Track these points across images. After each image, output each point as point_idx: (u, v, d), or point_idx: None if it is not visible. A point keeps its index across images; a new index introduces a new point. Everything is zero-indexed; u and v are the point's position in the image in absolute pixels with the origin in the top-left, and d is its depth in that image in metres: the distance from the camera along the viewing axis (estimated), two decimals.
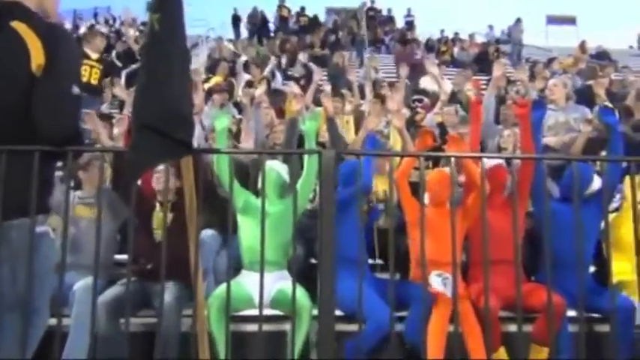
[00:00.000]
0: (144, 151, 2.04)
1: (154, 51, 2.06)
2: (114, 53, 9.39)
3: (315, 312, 2.35)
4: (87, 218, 3.53)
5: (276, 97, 7.16)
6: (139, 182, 3.62)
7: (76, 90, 1.85)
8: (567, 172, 3.49)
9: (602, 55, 14.40)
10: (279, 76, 9.65)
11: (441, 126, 5.74)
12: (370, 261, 3.84)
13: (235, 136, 5.05)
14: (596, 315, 3.27)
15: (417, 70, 9.93)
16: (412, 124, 5.87)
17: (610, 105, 4.63)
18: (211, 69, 9.78)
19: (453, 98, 7.18)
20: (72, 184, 3.45)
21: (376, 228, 3.95)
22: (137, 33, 11.49)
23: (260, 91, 5.48)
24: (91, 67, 6.95)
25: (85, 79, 6.72)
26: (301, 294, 3.07)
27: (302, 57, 10.39)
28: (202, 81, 7.16)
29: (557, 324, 2.97)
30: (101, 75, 7.09)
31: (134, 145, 2.07)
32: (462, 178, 3.62)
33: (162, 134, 1.99)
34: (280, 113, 6.41)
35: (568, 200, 3.16)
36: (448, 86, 7.89)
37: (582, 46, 13.81)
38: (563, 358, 3.02)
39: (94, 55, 7.03)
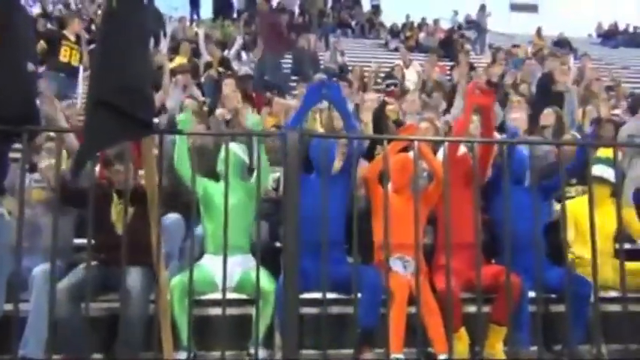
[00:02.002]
0: (101, 129, 1.95)
1: (112, 28, 1.99)
2: None
3: None
4: (43, 202, 3.42)
5: (244, 81, 7.07)
6: (97, 172, 3.51)
7: (30, 66, 1.78)
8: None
9: (562, 43, 14.74)
10: (244, 56, 9.49)
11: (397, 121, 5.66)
12: None
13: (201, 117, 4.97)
14: (553, 295, 3.36)
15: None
16: (381, 115, 5.67)
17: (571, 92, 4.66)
18: (174, 50, 9.56)
19: (422, 86, 7.24)
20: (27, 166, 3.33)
21: None
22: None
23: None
24: (71, 48, 6.90)
25: (65, 60, 6.76)
26: (266, 277, 3.06)
27: None
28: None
29: (514, 304, 3.04)
30: (81, 56, 7.05)
31: (89, 123, 1.98)
32: (425, 164, 3.64)
33: (122, 113, 1.92)
34: (247, 97, 6.30)
35: (518, 184, 3.51)
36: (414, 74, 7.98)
37: (539, 33, 14.19)
38: (521, 337, 3.11)
39: (72, 37, 6.99)
